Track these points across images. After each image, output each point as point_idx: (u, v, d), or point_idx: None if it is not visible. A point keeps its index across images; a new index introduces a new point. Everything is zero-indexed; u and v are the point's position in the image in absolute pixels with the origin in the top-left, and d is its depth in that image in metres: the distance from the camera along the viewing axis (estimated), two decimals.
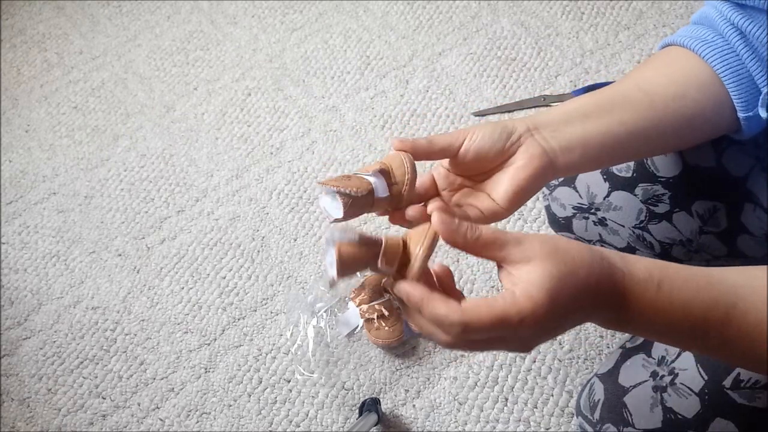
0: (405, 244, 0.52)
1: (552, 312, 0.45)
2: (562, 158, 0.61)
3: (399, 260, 0.51)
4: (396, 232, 1.09)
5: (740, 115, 0.63)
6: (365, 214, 0.59)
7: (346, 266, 0.50)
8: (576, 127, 0.62)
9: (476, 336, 0.45)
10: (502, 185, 0.59)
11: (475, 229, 0.47)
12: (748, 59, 0.61)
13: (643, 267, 0.48)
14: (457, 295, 0.51)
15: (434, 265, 0.53)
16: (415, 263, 0.49)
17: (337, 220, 0.54)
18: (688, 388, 0.65)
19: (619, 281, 0.48)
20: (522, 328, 0.44)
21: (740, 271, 0.49)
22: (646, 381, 0.67)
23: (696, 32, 0.65)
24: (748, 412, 0.62)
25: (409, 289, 0.48)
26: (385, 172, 0.58)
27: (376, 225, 1.10)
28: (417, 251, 0.50)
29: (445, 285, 0.53)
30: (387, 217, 0.62)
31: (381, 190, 0.57)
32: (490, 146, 0.58)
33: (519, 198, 0.60)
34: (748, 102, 0.62)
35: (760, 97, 0.60)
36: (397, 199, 0.59)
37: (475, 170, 0.61)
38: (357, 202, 0.55)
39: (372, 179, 0.57)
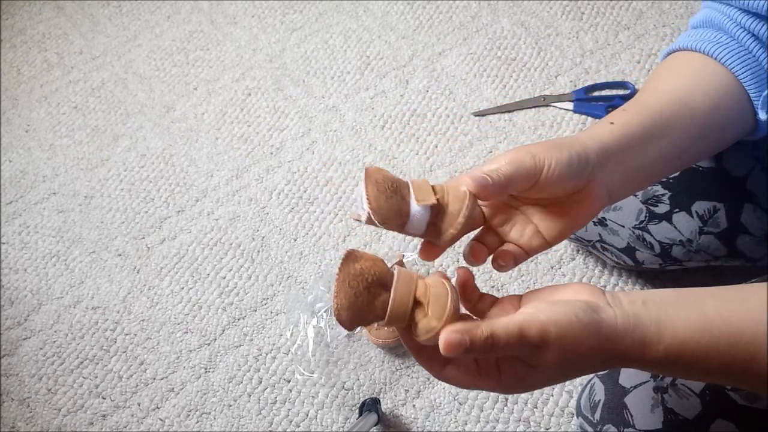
0: (416, 300, 0.47)
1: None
2: (618, 195, 0.58)
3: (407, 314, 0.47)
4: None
5: (761, 117, 0.61)
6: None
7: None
8: (637, 157, 0.58)
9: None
10: (558, 223, 0.54)
11: (486, 336, 0.44)
12: (764, 59, 0.61)
13: (662, 350, 0.46)
14: (478, 296, 0.52)
15: (459, 271, 0.51)
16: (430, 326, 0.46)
17: (356, 217, 0.49)
18: (689, 388, 0.65)
19: (629, 364, 0.48)
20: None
21: (761, 309, 0.47)
22: (646, 382, 0.67)
23: (706, 35, 0.64)
24: (749, 413, 0.62)
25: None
26: (436, 208, 0.49)
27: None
28: (432, 323, 0.45)
29: (468, 288, 0.52)
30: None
31: (416, 225, 0.49)
32: (568, 180, 0.52)
33: (567, 237, 0.56)
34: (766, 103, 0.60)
35: (760, 99, 0.60)
36: (433, 235, 0.50)
37: (536, 196, 0.54)
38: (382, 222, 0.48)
39: (415, 210, 0.48)
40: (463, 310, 0.51)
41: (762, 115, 0.60)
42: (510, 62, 1.25)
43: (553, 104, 1.19)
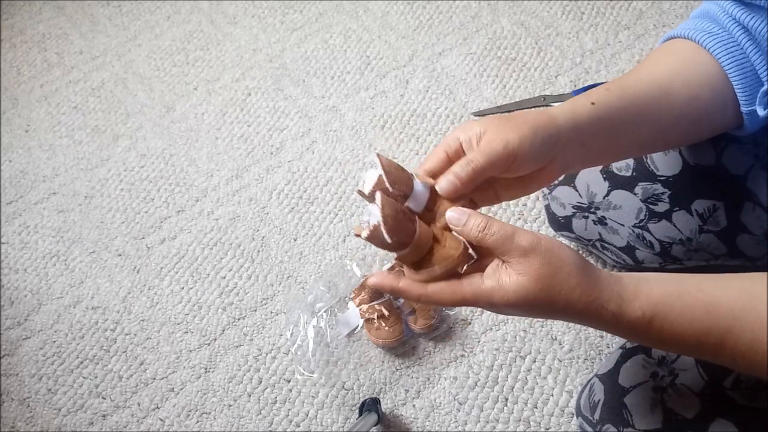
0: (435, 240, 0.54)
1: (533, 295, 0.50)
2: (573, 170, 0.62)
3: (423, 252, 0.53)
4: None
5: (743, 109, 0.63)
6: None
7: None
8: (605, 141, 0.61)
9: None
10: (513, 191, 0.59)
11: (488, 228, 0.50)
12: (752, 52, 0.61)
13: (637, 307, 0.50)
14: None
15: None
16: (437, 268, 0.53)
17: (360, 192, 0.55)
18: (689, 388, 0.65)
19: (605, 319, 0.51)
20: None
21: (742, 289, 0.49)
22: (646, 381, 0.67)
23: (700, 25, 0.64)
24: (748, 412, 0.61)
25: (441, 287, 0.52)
26: (433, 198, 0.56)
27: None
28: (450, 251, 0.53)
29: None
30: None
31: (416, 202, 0.55)
32: (534, 164, 0.56)
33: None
34: (751, 96, 0.62)
35: (758, 96, 0.60)
36: (427, 218, 0.56)
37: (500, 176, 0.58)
38: (388, 195, 0.54)
39: (419, 188, 0.55)
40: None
41: (761, 111, 0.60)
42: (510, 62, 1.25)
43: (553, 104, 1.19)
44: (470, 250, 0.54)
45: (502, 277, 0.50)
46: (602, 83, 1.18)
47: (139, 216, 1.13)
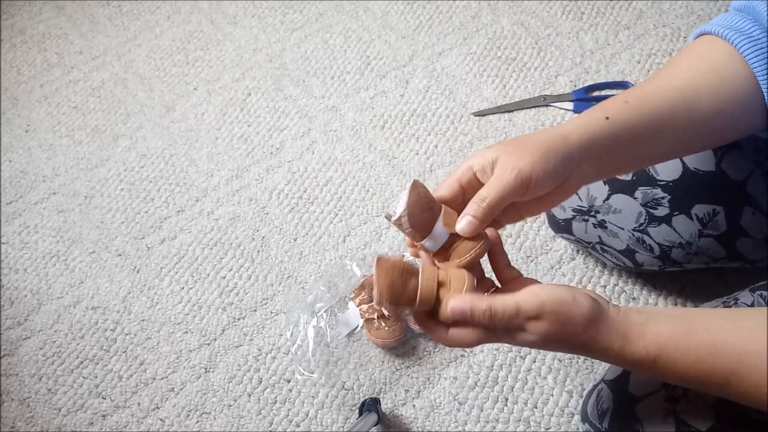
0: (439, 284, 0.54)
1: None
2: (589, 182, 0.61)
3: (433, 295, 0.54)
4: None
5: None
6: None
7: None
8: (621, 156, 0.60)
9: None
10: (534, 208, 0.59)
11: (494, 314, 0.51)
12: None
13: (641, 347, 0.50)
14: (505, 263, 0.58)
15: (489, 231, 0.57)
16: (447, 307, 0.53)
17: (388, 216, 0.56)
18: (702, 399, 0.62)
19: (609, 355, 0.52)
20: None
21: (751, 330, 0.49)
22: (658, 391, 0.65)
23: (740, 23, 0.61)
24: (763, 426, 0.60)
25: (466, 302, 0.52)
26: (451, 239, 0.56)
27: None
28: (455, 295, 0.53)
29: (496, 247, 0.58)
30: None
31: (433, 241, 0.56)
32: (550, 186, 0.56)
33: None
34: None
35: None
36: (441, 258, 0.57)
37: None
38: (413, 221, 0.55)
39: (439, 229, 0.55)
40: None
41: None
42: (510, 62, 1.25)
43: (553, 104, 1.19)
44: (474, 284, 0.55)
45: (517, 335, 0.52)
46: (603, 83, 1.19)
47: (139, 216, 1.13)
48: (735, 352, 0.48)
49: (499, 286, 0.58)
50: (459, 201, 0.56)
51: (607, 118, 0.58)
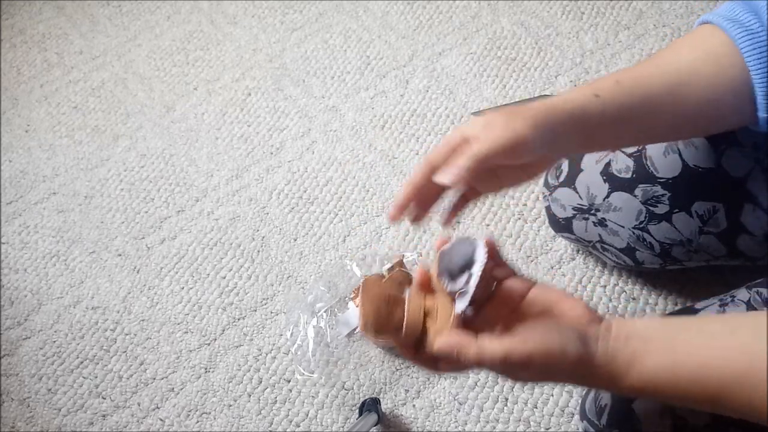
0: (425, 315, 0.54)
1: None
2: (568, 156, 0.62)
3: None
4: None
5: (760, 115, 0.60)
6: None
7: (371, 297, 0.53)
8: (606, 134, 0.60)
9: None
10: (515, 177, 0.60)
11: (482, 360, 0.50)
12: None
13: (628, 384, 0.50)
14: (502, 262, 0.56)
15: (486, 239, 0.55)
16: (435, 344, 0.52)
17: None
18: None
19: (598, 386, 0.54)
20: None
21: (740, 350, 0.48)
22: None
23: (740, 15, 0.60)
24: (762, 425, 0.60)
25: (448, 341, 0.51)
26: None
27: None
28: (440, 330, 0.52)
29: (492, 252, 0.56)
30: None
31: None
32: (538, 149, 0.56)
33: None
34: None
35: (758, 101, 0.59)
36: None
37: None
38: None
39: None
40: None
41: (762, 113, 0.59)
42: (510, 62, 1.25)
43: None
44: (462, 313, 0.53)
45: (504, 373, 0.53)
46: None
47: (139, 216, 1.13)
48: (720, 378, 0.48)
49: (516, 274, 0.57)
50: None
51: (597, 95, 0.59)
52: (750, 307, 0.62)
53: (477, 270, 0.50)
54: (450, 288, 0.51)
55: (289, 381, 0.96)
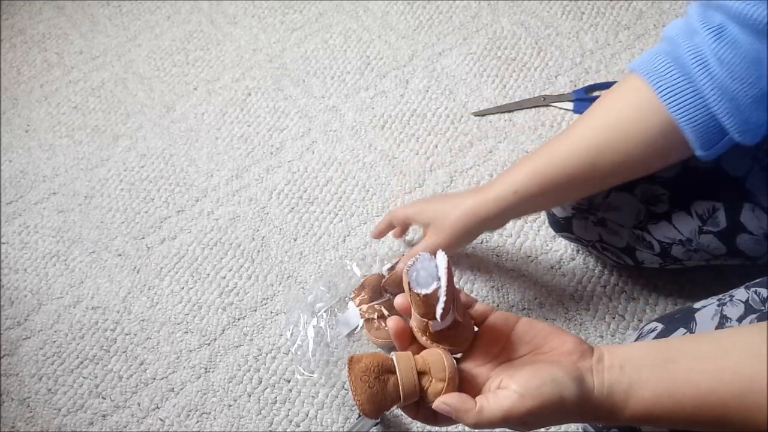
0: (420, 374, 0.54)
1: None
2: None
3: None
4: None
5: (698, 153, 0.65)
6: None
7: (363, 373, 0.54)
8: (527, 213, 0.85)
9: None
10: None
11: (481, 419, 0.52)
12: (713, 99, 0.61)
13: (627, 416, 0.51)
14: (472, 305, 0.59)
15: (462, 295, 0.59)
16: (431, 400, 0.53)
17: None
18: None
19: (598, 421, 0.57)
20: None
21: (735, 373, 0.49)
22: None
23: (660, 65, 0.65)
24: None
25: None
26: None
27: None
28: (438, 386, 0.53)
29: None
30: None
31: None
32: (462, 249, 0.76)
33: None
34: (706, 142, 0.64)
35: (717, 146, 0.64)
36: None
37: None
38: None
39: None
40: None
41: (699, 152, 0.65)
42: (510, 62, 1.25)
43: (553, 104, 1.19)
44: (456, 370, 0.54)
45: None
46: (603, 83, 1.19)
47: (139, 216, 1.13)
48: (721, 401, 0.49)
49: (476, 301, 0.59)
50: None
51: (515, 191, 0.74)
52: (748, 306, 0.62)
53: (443, 275, 0.51)
54: (424, 292, 0.51)
55: (289, 381, 0.96)
